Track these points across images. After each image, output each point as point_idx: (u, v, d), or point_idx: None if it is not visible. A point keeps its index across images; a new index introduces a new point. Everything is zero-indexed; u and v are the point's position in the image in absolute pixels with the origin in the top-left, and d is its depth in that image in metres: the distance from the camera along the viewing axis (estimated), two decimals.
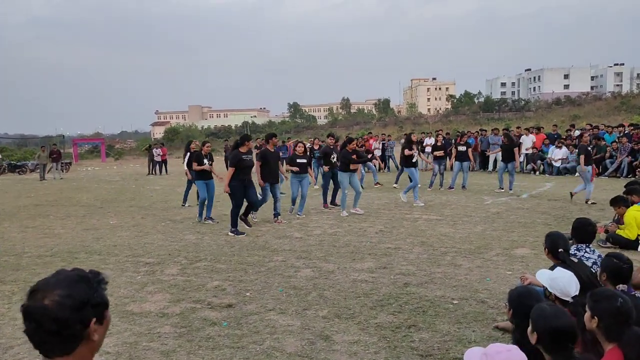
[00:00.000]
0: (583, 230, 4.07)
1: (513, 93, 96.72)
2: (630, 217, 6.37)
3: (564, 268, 3.27)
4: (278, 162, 9.07)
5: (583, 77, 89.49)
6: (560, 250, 3.60)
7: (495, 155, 16.38)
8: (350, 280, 5.39)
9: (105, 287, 1.42)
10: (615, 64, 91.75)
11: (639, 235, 6.36)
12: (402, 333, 3.95)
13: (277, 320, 4.29)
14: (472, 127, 41.54)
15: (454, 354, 3.55)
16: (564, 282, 2.85)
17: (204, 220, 9.22)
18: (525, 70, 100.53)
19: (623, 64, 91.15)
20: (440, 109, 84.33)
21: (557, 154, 16.54)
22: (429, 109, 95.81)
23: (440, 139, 14.10)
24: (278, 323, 4.23)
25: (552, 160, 16.58)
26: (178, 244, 7.51)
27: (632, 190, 6.75)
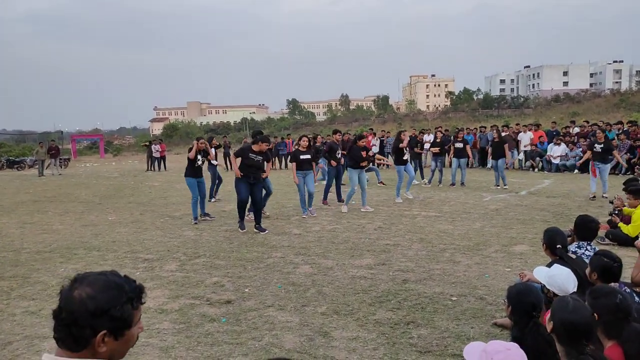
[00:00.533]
0: (585, 228, 4.05)
1: (512, 90, 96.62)
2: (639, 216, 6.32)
3: (562, 264, 3.28)
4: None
5: (582, 74, 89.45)
6: (559, 247, 3.60)
7: None
8: (349, 277, 5.39)
9: (138, 305, 1.43)
10: (615, 61, 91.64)
11: None
12: (400, 329, 3.96)
13: (276, 317, 4.30)
14: (471, 124, 41.50)
15: (453, 350, 3.56)
16: (562, 279, 2.85)
17: (201, 218, 9.12)
18: (524, 67, 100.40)
19: (622, 61, 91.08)
20: (439, 106, 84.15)
21: (556, 151, 16.53)
22: (428, 106, 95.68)
23: (440, 136, 14.11)
24: (277, 319, 4.24)
25: (551, 157, 16.58)
26: (177, 240, 7.51)
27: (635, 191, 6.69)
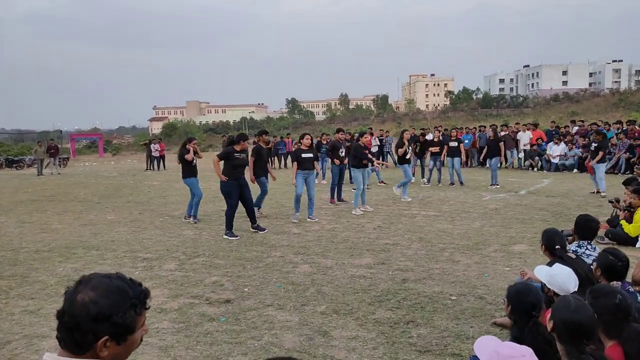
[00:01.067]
0: (586, 227, 4.04)
1: (511, 89, 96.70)
2: None
3: (562, 264, 3.28)
4: (268, 158, 9.33)
5: (581, 73, 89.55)
6: (557, 247, 3.59)
7: None
8: (349, 276, 5.39)
9: (141, 311, 1.41)
10: (614, 61, 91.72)
11: None
12: (400, 329, 3.95)
13: (275, 316, 4.29)
14: (470, 123, 41.55)
15: (452, 350, 3.55)
16: (563, 278, 2.84)
17: (188, 218, 8.91)
18: (524, 67, 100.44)
19: (621, 61, 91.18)
20: (439, 105, 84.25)
21: (555, 150, 16.54)
22: (428, 105, 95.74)
23: (438, 135, 14.10)
24: (276, 319, 4.23)
25: (550, 157, 16.58)
26: (176, 240, 7.50)
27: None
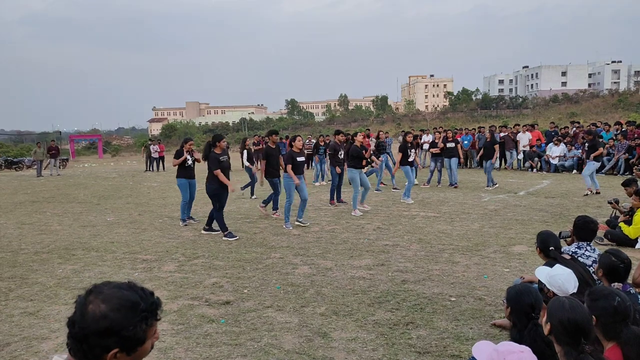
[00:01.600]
0: (585, 228, 4.03)
1: (511, 90, 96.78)
2: None
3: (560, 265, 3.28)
4: (279, 158, 8.87)
5: (580, 74, 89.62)
6: (552, 249, 3.60)
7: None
8: (348, 278, 5.39)
9: (152, 322, 1.39)
10: (613, 62, 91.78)
11: None
12: (399, 330, 3.95)
13: (274, 317, 4.29)
14: (469, 124, 41.68)
15: (452, 351, 3.55)
16: (563, 279, 2.85)
17: (187, 221, 8.82)
18: (523, 68, 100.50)
19: (621, 62, 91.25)
20: (438, 106, 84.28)
21: (554, 152, 16.54)
22: (427, 106, 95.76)
23: (438, 136, 14.12)
24: (276, 320, 4.23)
25: (549, 158, 16.59)
26: (175, 241, 7.50)
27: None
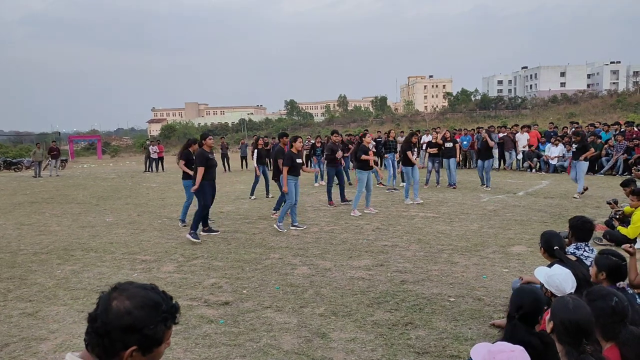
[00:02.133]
0: (582, 228, 4.03)
1: (510, 91, 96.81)
2: (639, 217, 6.26)
3: (563, 266, 3.27)
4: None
5: (579, 75, 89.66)
6: (556, 248, 3.58)
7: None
8: (347, 278, 5.39)
9: (171, 325, 1.42)
10: (612, 62, 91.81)
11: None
12: (398, 330, 3.95)
13: (273, 318, 4.29)
14: (468, 124, 41.70)
15: (451, 352, 3.55)
16: (561, 279, 2.85)
17: (186, 222, 8.63)
18: (522, 68, 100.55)
19: (619, 62, 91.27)
20: (437, 107, 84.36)
21: (553, 152, 16.56)
22: (426, 107, 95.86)
23: (436, 137, 14.11)
24: (275, 321, 4.23)
25: (548, 158, 16.60)
26: (174, 242, 7.49)
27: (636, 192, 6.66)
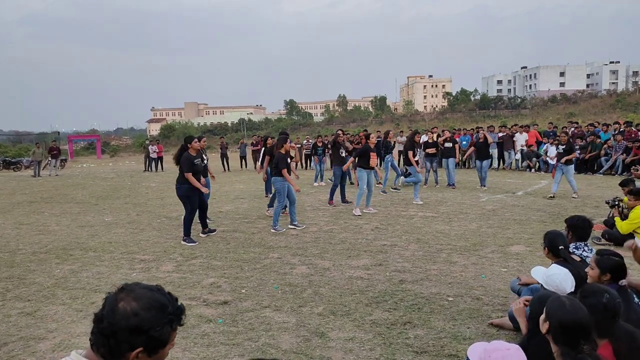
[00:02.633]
0: (581, 227, 4.03)
1: (509, 91, 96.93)
2: (638, 215, 6.23)
3: (564, 266, 3.26)
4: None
5: (579, 74, 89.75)
6: (561, 248, 3.56)
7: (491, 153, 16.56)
8: (346, 277, 5.39)
9: (176, 327, 1.43)
10: (611, 62, 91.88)
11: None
12: (397, 330, 3.95)
13: (272, 317, 4.29)
14: (468, 124, 41.71)
15: (449, 351, 3.55)
16: (560, 278, 2.85)
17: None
18: (522, 68, 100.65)
19: (619, 62, 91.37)
20: (437, 107, 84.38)
21: (552, 152, 16.54)
22: (426, 107, 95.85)
23: (431, 136, 14.11)
24: (273, 320, 4.23)
25: (547, 158, 16.60)
26: (173, 241, 7.49)
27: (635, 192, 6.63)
